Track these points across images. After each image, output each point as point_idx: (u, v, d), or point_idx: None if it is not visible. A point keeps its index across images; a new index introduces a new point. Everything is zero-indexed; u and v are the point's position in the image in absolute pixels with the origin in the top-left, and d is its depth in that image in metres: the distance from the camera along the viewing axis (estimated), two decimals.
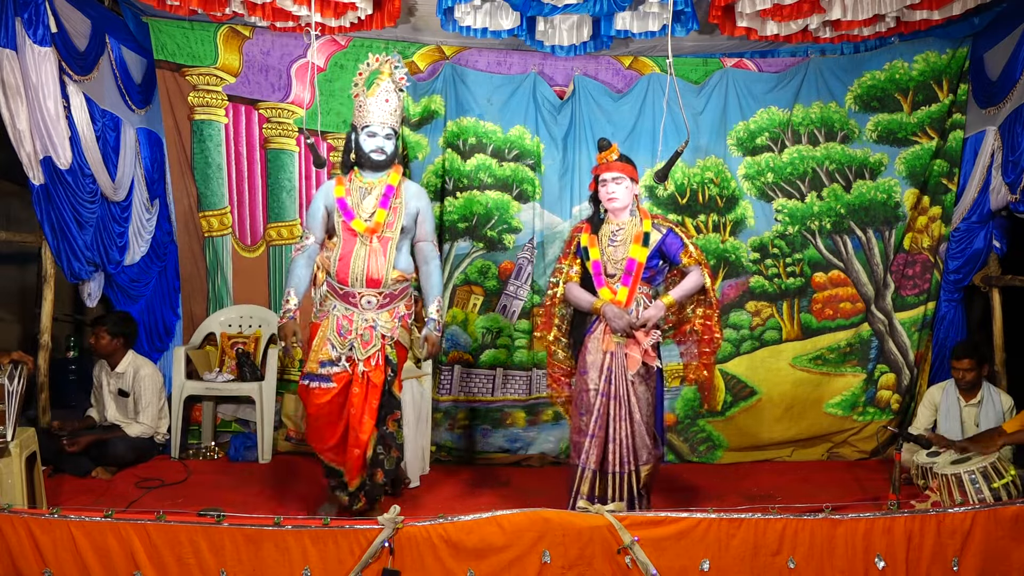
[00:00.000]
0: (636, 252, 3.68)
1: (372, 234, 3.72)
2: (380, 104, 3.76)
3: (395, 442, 3.86)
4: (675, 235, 3.75)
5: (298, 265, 3.81)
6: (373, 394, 3.72)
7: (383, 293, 3.74)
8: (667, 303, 3.67)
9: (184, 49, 5.16)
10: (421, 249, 3.92)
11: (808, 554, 3.02)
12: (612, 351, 3.65)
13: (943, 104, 5.27)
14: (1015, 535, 3.10)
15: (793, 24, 4.58)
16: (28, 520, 2.93)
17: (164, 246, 5.44)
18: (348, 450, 3.74)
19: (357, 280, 3.70)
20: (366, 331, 3.72)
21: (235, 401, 5.38)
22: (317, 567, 2.95)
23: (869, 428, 5.32)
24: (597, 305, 3.68)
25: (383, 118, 3.76)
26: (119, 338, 4.87)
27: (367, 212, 3.74)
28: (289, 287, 3.78)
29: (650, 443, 3.67)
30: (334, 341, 3.72)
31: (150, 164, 5.33)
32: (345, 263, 3.72)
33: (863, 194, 5.34)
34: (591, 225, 3.82)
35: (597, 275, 3.73)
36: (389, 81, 3.79)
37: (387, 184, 3.79)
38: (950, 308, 5.41)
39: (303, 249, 3.83)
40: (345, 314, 3.74)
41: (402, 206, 3.79)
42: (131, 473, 4.70)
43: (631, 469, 3.63)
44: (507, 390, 5.29)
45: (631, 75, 5.39)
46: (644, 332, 3.63)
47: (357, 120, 3.81)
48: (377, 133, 3.76)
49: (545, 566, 2.98)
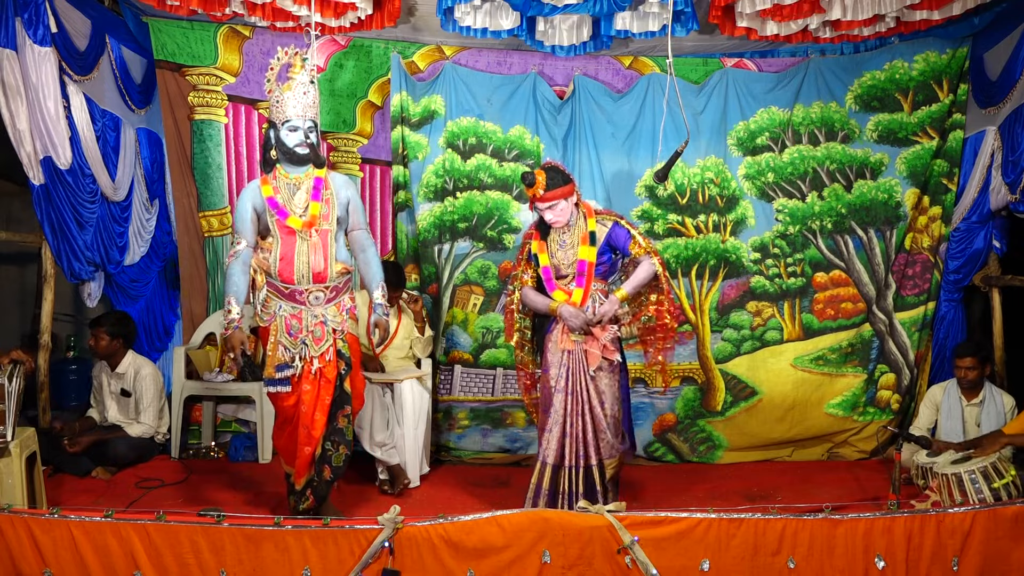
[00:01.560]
0: (585, 253, 3.81)
1: (310, 228, 3.69)
2: (299, 97, 3.71)
3: (344, 438, 3.80)
4: (620, 227, 3.86)
5: (234, 271, 3.71)
6: (326, 390, 3.71)
7: (329, 287, 3.72)
8: (620, 297, 3.80)
9: (184, 49, 5.16)
10: (356, 238, 3.89)
11: (808, 554, 3.03)
12: (570, 349, 3.79)
13: (943, 104, 5.26)
14: (1015, 535, 3.10)
15: (793, 24, 4.58)
16: (28, 520, 2.94)
17: (164, 246, 5.43)
18: (299, 448, 3.71)
19: (303, 277, 3.68)
20: (316, 327, 3.70)
21: (235, 401, 5.38)
22: (317, 567, 2.95)
23: (869, 428, 5.32)
24: (553, 307, 3.82)
25: (303, 111, 3.71)
26: (118, 339, 4.87)
27: (300, 207, 3.71)
28: (228, 295, 3.67)
29: (613, 438, 3.77)
30: (285, 343, 3.70)
31: (150, 164, 5.33)
32: (288, 262, 3.68)
33: (864, 194, 5.33)
34: (539, 231, 3.93)
35: (548, 280, 3.86)
36: (304, 73, 3.74)
37: (315, 177, 3.76)
38: (950, 308, 5.41)
39: (236, 255, 3.72)
40: (292, 313, 3.71)
41: (333, 197, 3.77)
42: (131, 473, 4.70)
43: (587, 464, 3.74)
44: (507, 390, 5.29)
45: (631, 75, 5.39)
46: (601, 328, 3.76)
47: (276, 116, 3.74)
48: (299, 127, 3.71)
49: (545, 566, 2.98)
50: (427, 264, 5.27)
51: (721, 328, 5.33)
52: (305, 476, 3.77)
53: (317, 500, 3.81)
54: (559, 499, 3.77)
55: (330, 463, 3.78)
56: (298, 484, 3.79)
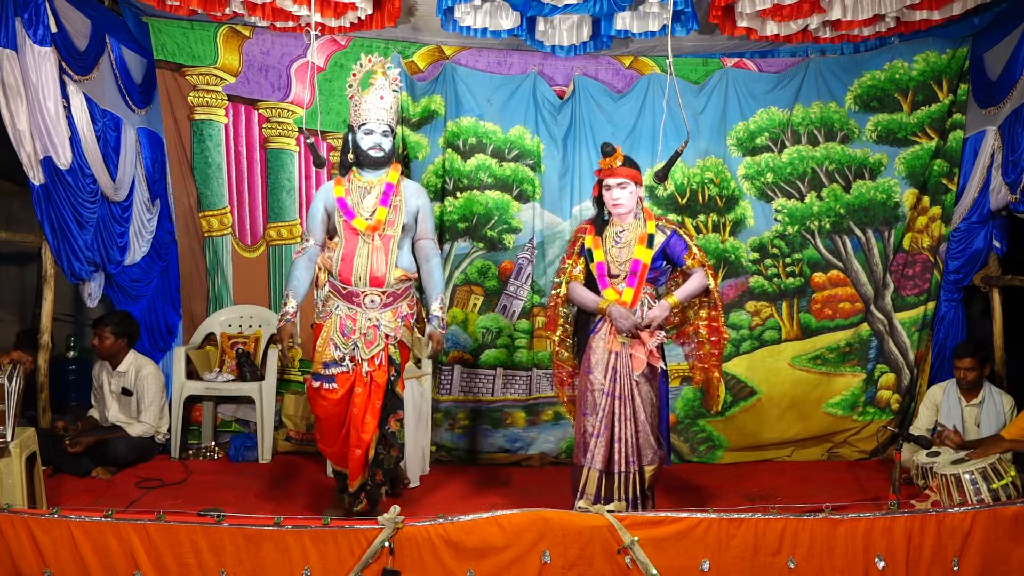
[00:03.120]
0: (641, 253, 3.69)
1: (374, 232, 3.71)
2: (376, 102, 3.76)
3: (396, 441, 3.87)
4: (679, 237, 3.76)
5: (298, 267, 3.81)
6: (376, 394, 3.73)
7: (386, 292, 3.74)
8: (672, 303, 3.67)
9: (184, 49, 5.16)
10: (422, 247, 3.91)
11: (808, 554, 3.02)
12: (617, 351, 3.65)
13: (943, 104, 5.27)
14: (1015, 535, 3.10)
15: (793, 24, 4.58)
16: (28, 520, 2.94)
17: (166, 246, 5.43)
18: (350, 451, 3.74)
19: (360, 279, 3.70)
20: (369, 330, 3.72)
21: (235, 401, 5.38)
22: (317, 567, 2.95)
23: (869, 428, 5.32)
24: (603, 305, 3.68)
25: (380, 115, 3.76)
26: (123, 338, 4.88)
27: (368, 211, 3.74)
28: (288, 290, 3.79)
29: (654, 443, 3.68)
30: (337, 341, 3.72)
31: (151, 164, 5.33)
32: (348, 263, 3.71)
33: (863, 194, 5.33)
34: (595, 226, 3.83)
35: (601, 276, 3.73)
36: (384, 79, 3.79)
37: (386, 182, 3.80)
38: (950, 308, 5.41)
39: (304, 251, 3.84)
40: (348, 314, 3.74)
41: (402, 204, 3.79)
42: (131, 473, 4.70)
43: (635, 469, 3.63)
44: (507, 390, 5.29)
45: (631, 75, 5.39)
46: (649, 333, 3.63)
47: (353, 119, 3.81)
48: (374, 131, 3.75)
49: (545, 566, 2.98)
50: None
51: None
52: (359, 479, 3.78)
53: (371, 503, 3.84)
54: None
55: (382, 466, 3.81)
56: (352, 486, 3.80)
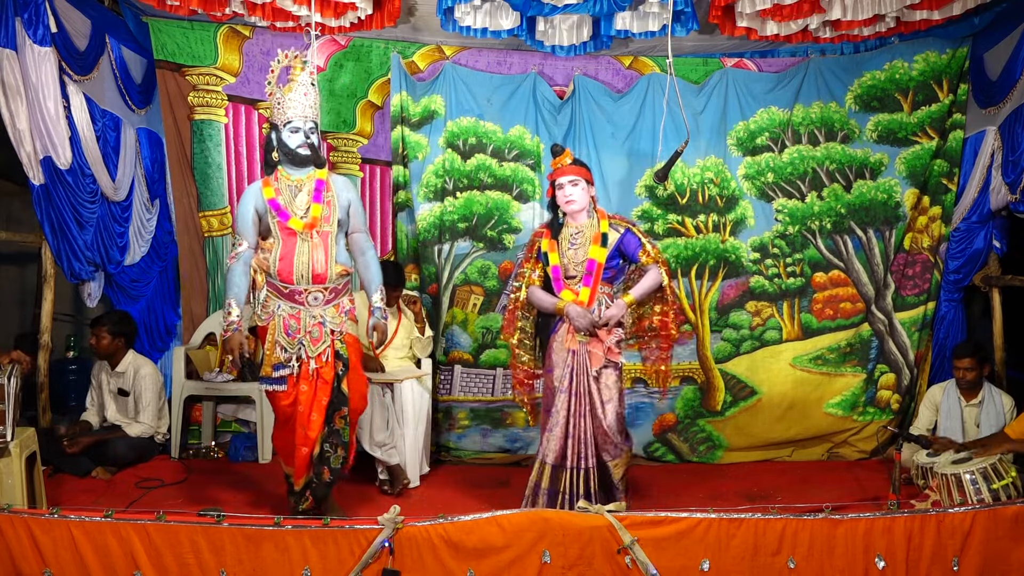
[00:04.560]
0: (595, 253, 3.82)
1: (311, 230, 3.70)
2: (299, 99, 3.72)
3: (341, 439, 3.80)
4: (632, 234, 3.88)
5: (235, 273, 3.74)
6: (323, 391, 3.71)
7: (328, 288, 3.74)
8: (628, 301, 3.81)
9: (184, 49, 5.16)
10: (356, 240, 3.90)
11: (808, 554, 3.03)
12: (575, 349, 3.80)
13: (943, 104, 5.26)
14: (1015, 535, 3.10)
15: (793, 24, 4.58)
16: (28, 520, 2.94)
17: (165, 246, 5.44)
18: (296, 448, 3.72)
19: (302, 277, 3.69)
20: (314, 328, 3.71)
21: (235, 401, 5.38)
22: (317, 567, 2.95)
23: (869, 428, 5.32)
24: (560, 306, 3.83)
25: (304, 112, 3.73)
26: (120, 338, 4.87)
27: (301, 209, 3.72)
28: (229, 298, 3.71)
29: (618, 439, 3.79)
30: (283, 342, 3.71)
31: (150, 164, 5.33)
32: (287, 262, 3.69)
33: (863, 194, 5.33)
34: (551, 230, 3.94)
35: (556, 279, 3.88)
36: (305, 75, 3.75)
37: (316, 179, 3.77)
38: (950, 308, 5.41)
39: (238, 256, 3.75)
40: (291, 313, 3.72)
41: (335, 199, 3.79)
42: (131, 473, 4.70)
43: (590, 464, 3.75)
44: (507, 390, 5.28)
45: (631, 75, 5.39)
46: (607, 330, 3.78)
47: (277, 117, 3.75)
48: (300, 128, 3.72)
49: (545, 566, 2.98)
50: (427, 264, 5.27)
51: (720, 328, 5.33)
52: (304, 477, 3.77)
53: (316, 501, 3.82)
54: (559, 499, 3.77)
55: (328, 464, 3.79)
56: (297, 485, 3.80)
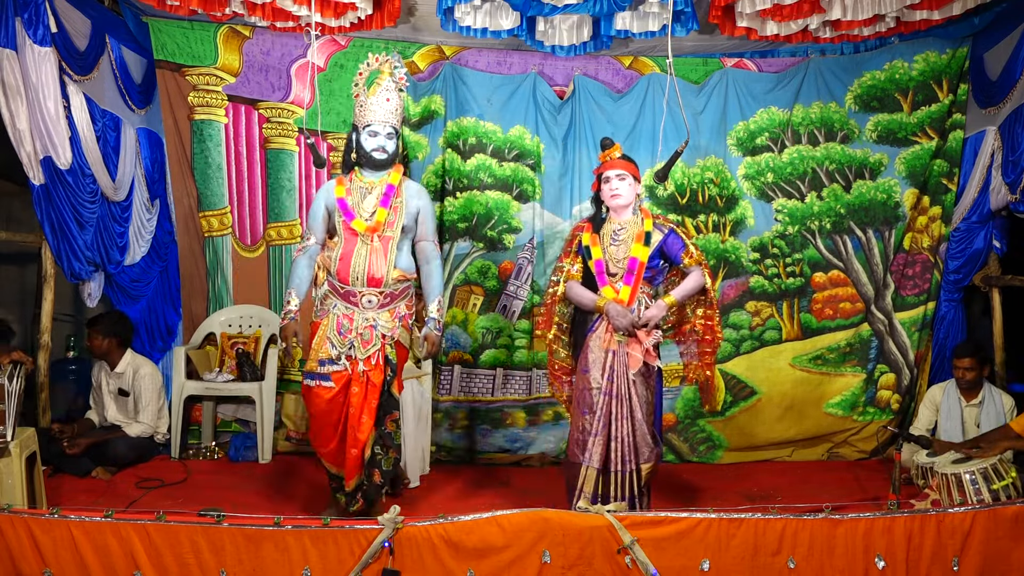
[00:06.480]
0: (638, 251, 3.69)
1: (373, 233, 3.72)
2: (381, 103, 3.77)
3: (393, 442, 3.86)
4: (676, 235, 3.76)
5: (299, 266, 3.84)
6: (372, 394, 3.72)
7: (384, 292, 3.74)
8: (669, 303, 3.68)
9: (184, 49, 5.16)
10: (422, 249, 3.91)
11: (808, 554, 3.02)
12: (614, 350, 3.65)
13: (943, 104, 5.27)
14: (1015, 535, 3.10)
15: (793, 24, 4.58)
16: (28, 520, 2.93)
17: (165, 246, 5.43)
18: (347, 450, 3.74)
19: (358, 279, 3.70)
20: (366, 330, 3.72)
21: (235, 401, 5.38)
22: (317, 567, 2.94)
23: (869, 428, 5.32)
24: (600, 303, 3.68)
25: (385, 117, 3.76)
26: (113, 338, 4.87)
27: (368, 212, 3.74)
28: (290, 288, 3.81)
29: (651, 441, 3.68)
30: (334, 340, 3.72)
31: (150, 164, 5.32)
32: (346, 262, 3.72)
33: (863, 194, 5.33)
34: (592, 224, 3.83)
35: (600, 274, 3.73)
36: (390, 80, 3.80)
37: (388, 183, 3.80)
38: (950, 308, 5.41)
39: (304, 250, 3.87)
40: (345, 313, 3.74)
41: (403, 205, 3.80)
42: (131, 473, 4.70)
43: (632, 468, 3.63)
44: (507, 390, 5.29)
45: (631, 75, 5.39)
46: (646, 331, 3.64)
47: (358, 119, 3.81)
48: (379, 132, 3.76)
49: (545, 566, 2.98)
50: None
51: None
52: (355, 479, 3.78)
53: (367, 503, 3.84)
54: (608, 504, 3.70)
55: (380, 467, 3.81)
56: (348, 486, 3.80)
